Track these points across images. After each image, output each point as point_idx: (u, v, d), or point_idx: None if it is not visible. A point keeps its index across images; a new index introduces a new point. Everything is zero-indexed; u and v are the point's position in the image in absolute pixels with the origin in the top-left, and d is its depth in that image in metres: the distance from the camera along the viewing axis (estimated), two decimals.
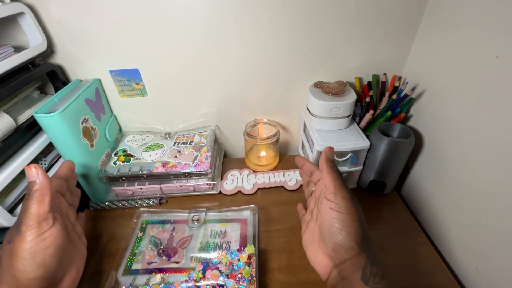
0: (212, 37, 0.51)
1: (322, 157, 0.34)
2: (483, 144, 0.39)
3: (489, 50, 0.37)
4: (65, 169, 0.40)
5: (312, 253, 0.33)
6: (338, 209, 0.29)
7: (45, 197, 0.31)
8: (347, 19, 0.50)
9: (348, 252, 0.28)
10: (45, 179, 0.31)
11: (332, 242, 0.29)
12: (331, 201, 0.30)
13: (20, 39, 0.47)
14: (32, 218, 0.29)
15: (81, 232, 0.39)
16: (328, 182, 0.32)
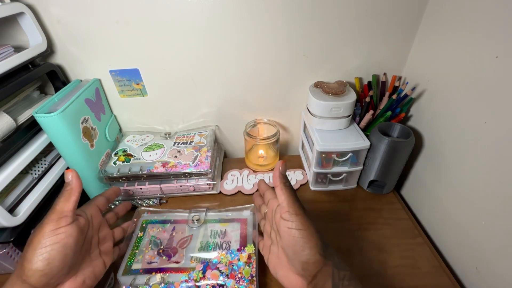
0: (212, 37, 0.51)
1: (275, 173, 0.33)
2: (483, 144, 0.39)
3: (489, 50, 0.37)
4: (111, 191, 0.45)
5: (284, 276, 0.33)
6: (295, 227, 0.30)
7: (72, 196, 0.33)
8: (347, 19, 0.50)
9: (316, 266, 0.29)
10: (77, 182, 0.34)
11: (299, 261, 0.29)
12: (288, 220, 0.30)
13: (20, 39, 0.47)
14: (55, 212, 0.32)
15: (107, 251, 0.39)
16: (282, 200, 0.32)
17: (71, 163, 0.49)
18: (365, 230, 0.48)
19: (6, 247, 0.41)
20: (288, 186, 0.33)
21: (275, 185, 0.33)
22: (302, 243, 0.29)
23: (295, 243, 0.29)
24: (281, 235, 0.31)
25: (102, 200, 0.41)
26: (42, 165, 0.49)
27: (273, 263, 0.35)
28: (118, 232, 0.44)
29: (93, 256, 0.37)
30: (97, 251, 0.38)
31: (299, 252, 0.29)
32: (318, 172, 0.53)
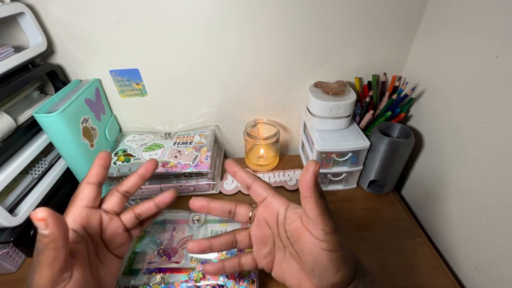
0: (212, 37, 0.51)
1: (308, 177, 0.24)
2: (483, 144, 0.39)
3: (489, 50, 0.37)
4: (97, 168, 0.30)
5: (296, 284, 0.29)
6: (332, 248, 0.25)
7: (58, 255, 0.22)
8: (347, 19, 0.50)
9: (347, 284, 0.26)
10: (58, 231, 0.21)
11: (329, 281, 0.26)
12: (322, 241, 0.25)
13: (20, 39, 0.47)
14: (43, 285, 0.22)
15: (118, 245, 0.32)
16: (315, 216, 0.25)
17: (71, 163, 0.49)
18: (365, 230, 0.48)
19: (6, 247, 0.41)
20: (322, 198, 0.25)
21: (305, 195, 0.25)
22: (339, 265, 0.25)
23: (330, 265, 0.25)
24: (308, 254, 0.26)
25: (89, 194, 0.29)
26: (42, 165, 0.49)
27: (280, 270, 0.30)
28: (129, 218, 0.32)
29: (106, 261, 0.30)
30: (108, 254, 0.31)
31: (332, 275, 0.25)
32: None
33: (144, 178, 0.33)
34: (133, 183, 0.32)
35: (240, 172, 0.31)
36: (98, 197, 0.30)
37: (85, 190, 0.29)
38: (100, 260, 0.30)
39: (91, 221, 0.29)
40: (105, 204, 0.31)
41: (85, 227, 0.28)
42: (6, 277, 0.43)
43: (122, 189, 0.32)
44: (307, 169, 0.25)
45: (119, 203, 0.32)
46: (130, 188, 0.32)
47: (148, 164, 0.33)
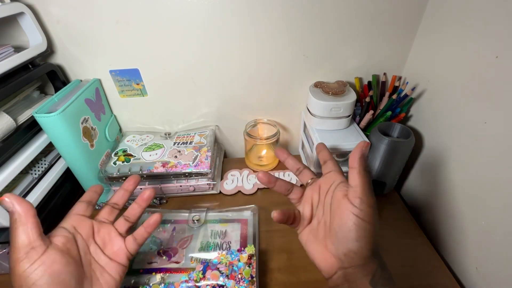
0: (212, 37, 0.51)
1: (356, 153, 0.29)
2: (483, 144, 0.39)
3: (489, 50, 0.37)
4: (89, 193, 0.36)
5: (315, 250, 0.31)
6: (362, 217, 0.27)
7: (27, 225, 0.27)
8: (347, 19, 0.50)
9: (361, 260, 0.27)
10: (22, 206, 0.27)
11: (346, 247, 0.28)
12: (356, 207, 0.27)
13: (20, 39, 0.47)
14: (17, 251, 0.27)
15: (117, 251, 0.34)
16: (356, 184, 0.28)
17: (71, 163, 0.49)
18: None
19: (6, 247, 0.41)
20: (367, 172, 0.29)
21: (352, 166, 0.29)
22: (360, 234, 0.27)
23: (352, 230, 0.27)
24: (339, 215, 0.28)
25: (80, 206, 0.34)
26: (42, 165, 0.49)
27: (307, 236, 0.33)
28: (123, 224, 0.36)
29: (102, 263, 0.33)
30: (104, 257, 0.33)
31: (352, 241, 0.27)
32: (318, 172, 0.53)
33: (128, 191, 0.39)
34: (120, 196, 0.38)
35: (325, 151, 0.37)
36: (88, 210, 0.35)
37: (76, 204, 0.35)
38: (95, 260, 0.32)
39: (82, 224, 0.33)
40: (98, 216, 0.36)
41: (76, 227, 0.33)
42: (6, 277, 0.43)
43: (111, 201, 0.37)
44: (357, 145, 0.30)
45: (109, 213, 0.36)
46: (117, 200, 0.38)
47: (130, 179, 0.39)
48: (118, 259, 0.34)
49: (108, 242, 0.34)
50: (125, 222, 0.36)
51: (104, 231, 0.35)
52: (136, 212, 0.37)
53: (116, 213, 0.37)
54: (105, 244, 0.34)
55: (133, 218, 0.37)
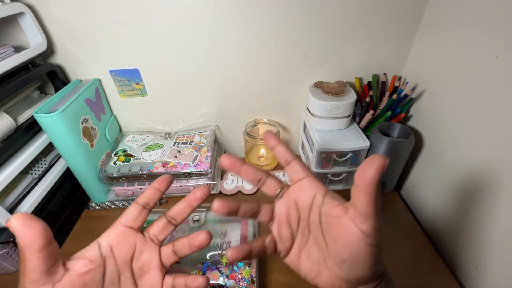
0: (212, 36, 0.51)
1: (373, 174, 0.21)
2: (483, 144, 0.39)
3: (489, 50, 0.37)
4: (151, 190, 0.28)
5: (314, 272, 0.27)
6: (375, 244, 0.23)
7: (31, 262, 0.22)
8: (347, 19, 0.50)
9: (374, 279, 0.26)
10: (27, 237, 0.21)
11: (360, 274, 0.25)
12: (370, 236, 0.23)
13: (20, 39, 0.47)
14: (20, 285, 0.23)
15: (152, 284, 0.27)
16: (369, 211, 0.23)
17: (71, 163, 0.49)
18: None
19: (6, 247, 0.41)
20: (379, 193, 0.23)
21: (364, 190, 0.22)
22: (375, 260, 0.24)
23: (367, 259, 0.24)
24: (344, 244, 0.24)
25: (132, 212, 0.27)
26: (42, 165, 0.49)
27: (297, 258, 0.28)
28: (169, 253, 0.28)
29: None
30: None
31: (367, 268, 0.24)
32: (318, 172, 0.53)
33: (192, 207, 0.30)
34: (181, 210, 0.30)
35: (280, 146, 0.29)
36: (140, 218, 0.27)
37: (129, 208, 0.27)
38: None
39: (123, 242, 0.26)
40: (148, 229, 0.28)
41: (113, 247, 0.26)
42: (6, 277, 0.43)
43: (169, 214, 0.29)
44: (372, 162, 0.21)
45: (162, 229, 0.28)
46: (175, 215, 0.29)
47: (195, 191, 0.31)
48: None
49: (147, 270, 0.27)
50: (173, 254, 0.28)
51: (147, 255, 0.27)
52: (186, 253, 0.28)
53: (170, 232, 0.29)
54: (143, 272, 0.27)
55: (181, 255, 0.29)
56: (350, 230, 0.24)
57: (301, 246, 0.28)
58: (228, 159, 0.28)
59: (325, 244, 0.26)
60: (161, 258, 0.28)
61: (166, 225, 0.28)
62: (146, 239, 0.27)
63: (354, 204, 0.24)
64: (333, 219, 0.25)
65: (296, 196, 0.28)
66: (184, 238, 0.28)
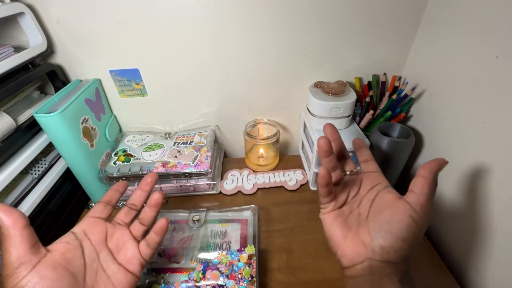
0: (212, 37, 0.51)
1: (434, 166, 0.28)
2: (483, 144, 0.39)
3: (489, 50, 0.37)
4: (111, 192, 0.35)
5: (340, 236, 0.30)
6: (417, 221, 0.27)
7: (15, 239, 0.25)
8: (347, 19, 0.50)
9: (397, 258, 0.27)
10: (10, 218, 0.25)
11: (387, 242, 0.27)
12: (416, 212, 0.27)
13: (20, 39, 0.47)
14: (5, 267, 0.25)
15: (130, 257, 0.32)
16: (422, 192, 0.27)
17: (71, 163, 0.49)
18: None
19: None
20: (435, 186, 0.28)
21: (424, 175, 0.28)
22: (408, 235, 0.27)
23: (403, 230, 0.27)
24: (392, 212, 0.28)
25: (98, 208, 0.33)
26: (42, 165, 0.49)
27: (333, 218, 0.32)
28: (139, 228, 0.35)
29: (110, 272, 0.30)
30: (114, 265, 0.31)
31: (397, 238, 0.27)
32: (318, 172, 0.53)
33: (146, 191, 0.37)
34: (137, 197, 0.36)
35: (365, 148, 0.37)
36: (105, 211, 0.34)
37: (95, 206, 0.34)
38: (103, 269, 0.30)
39: (95, 228, 0.32)
40: (114, 218, 0.35)
41: (87, 232, 0.31)
42: None
43: (129, 202, 0.36)
44: (437, 160, 0.28)
45: (126, 215, 0.35)
46: (134, 201, 0.36)
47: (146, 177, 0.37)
48: (131, 267, 0.32)
49: (121, 246, 0.32)
50: (141, 225, 0.34)
51: (118, 234, 0.33)
52: (149, 216, 0.35)
53: (133, 215, 0.35)
54: (119, 249, 0.32)
55: (148, 221, 0.35)
56: (403, 206, 0.28)
57: (342, 213, 0.32)
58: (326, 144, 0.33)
59: (366, 216, 0.30)
60: (132, 233, 0.34)
61: (128, 211, 0.35)
62: (115, 224, 0.34)
63: (414, 188, 0.28)
64: (384, 201, 0.30)
65: (363, 179, 0.34)
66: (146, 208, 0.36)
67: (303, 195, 0.56)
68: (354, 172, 0.35)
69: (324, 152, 0.32)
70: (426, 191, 0.27)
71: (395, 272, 0.27)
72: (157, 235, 0.34)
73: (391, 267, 0.27)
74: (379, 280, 0.26)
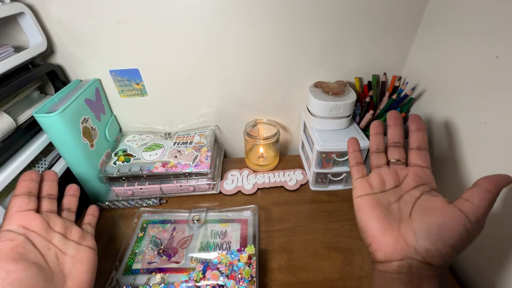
0: (213, 37, 0.51)
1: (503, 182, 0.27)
2: (483, 144, 0.39)
3: (489, 50, 0.37)
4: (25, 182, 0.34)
5: (378, 230, 0.29)
6: (470, 232, 0.26)
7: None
8: (347, 19, 0.50)
9: (441, 262, 0.26)
10: None
11: (434, 245, 0.26)
12: (471, 223, 0.26)
13: (20, 39, 0.47)
14: None
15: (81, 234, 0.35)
16: (480, 206, 0.26)
17: (71, 163, 0.49)
18: None
19: None
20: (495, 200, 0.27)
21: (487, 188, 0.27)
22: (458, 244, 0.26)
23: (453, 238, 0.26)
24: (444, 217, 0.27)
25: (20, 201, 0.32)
26: (42, 165, 0.49)
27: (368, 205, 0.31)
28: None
29: (72, 252, 0.32)
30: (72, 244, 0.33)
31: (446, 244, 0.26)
32: (318, 172, 0.53)
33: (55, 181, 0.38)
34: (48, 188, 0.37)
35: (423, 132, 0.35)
36: (31, 202, 0.32)
37: (13, 200, 0.32)
38: (63, 252, 0.32)
39: (31, 219, 0.31)
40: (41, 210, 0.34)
41: (26, 226, 0.31)
42: None
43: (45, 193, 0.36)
44: (505, 176, 0.27)
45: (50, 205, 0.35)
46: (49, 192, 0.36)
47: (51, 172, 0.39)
48: (85, 242, 0.34)
49: (68, 228, 0.34)
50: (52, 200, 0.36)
51: (58, 220, 0.34)
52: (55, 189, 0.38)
53: (55, 204, 0.36)
54: (66, 230, 0.34)
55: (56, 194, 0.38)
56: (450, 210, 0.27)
57: (379, 201, 0.31)
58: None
59: (409, 214, 0.29)
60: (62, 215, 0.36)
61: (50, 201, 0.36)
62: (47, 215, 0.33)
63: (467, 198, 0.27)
64: (432, 203, 0.29)
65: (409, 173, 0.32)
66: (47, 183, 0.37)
67: (303, 195, 0.56)
68: (400, 162, 0.34)
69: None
70: (486, 205, 0.26)
71: (436, 275, 0.26)
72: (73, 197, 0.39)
73: (432, 270, 0.26)
74: (418, 280, 0.26)
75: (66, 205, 0.39)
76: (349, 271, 0.42)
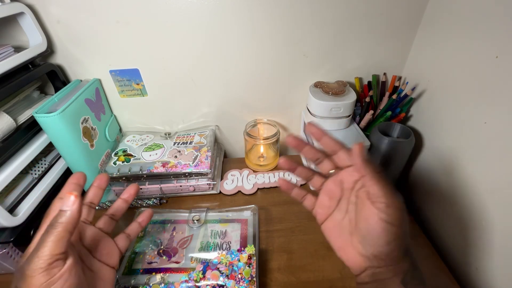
0: (213, 37, 0.51)
1: (358, 158, 0.27)
2: (483, 144, 0.39)
3: (489, 50, 0.37)
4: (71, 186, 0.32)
5: (340, 247, 0.30)
6: (390, 221, 0.26)
7: (67, 234, 0.24)
8: (347, 19, 0.50)
9: (392, 261, 0.27)
10: (77, 213, 0.25)
11: (376, 250, 0.27)
12: (383, 212, 0.26)
13: (20, 39, 0.47)
14: (43, 259, 0.23)
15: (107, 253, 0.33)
16: (375, 190, 0.26)
17: (71, 163, 0.49)
18: None
19: (6, 247, 0.41)
20: (379, 174, 0.26)
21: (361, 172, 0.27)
22: (390, 237, 0.26)
23: (382, 236, 0.26)
24: (365, 219, 0.27)
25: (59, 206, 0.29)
26: (42, 165, 0.49)
27: (330, 229, 0.31)
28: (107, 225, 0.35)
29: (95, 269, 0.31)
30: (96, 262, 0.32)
31: (381, 244, 0.26)
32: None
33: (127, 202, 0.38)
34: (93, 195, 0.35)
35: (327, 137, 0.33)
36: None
37: (56, 203, 0.30)
38: (87, 266, 0.30)
39: None
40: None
41: None
42: (6, 277, 0.43)
43: (86, 201, 0.35)
44: (358, 150, 0.27)
45: (88, 213, 0.34)
46: (92, 199, 0.35)
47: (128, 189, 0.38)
48: (110, 261, 0.32)
49: (97, 244, 0.32)
50: (111, 220, 0.35)
51: (89, 233, 0.32)
52: (122, 209, 0.37)
53: (93, 213, 0.35)
54: (95, 247, 0.32)
55: (119, 214, 0.36)
56: (370, 209, 0.27)
57: (336, 221, 0.31)
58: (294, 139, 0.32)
59: (355, 223, 0.29)
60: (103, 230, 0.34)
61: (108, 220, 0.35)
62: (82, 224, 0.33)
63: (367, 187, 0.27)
64: (360, 209, 0.29)
65: (343, 178, 0.31)
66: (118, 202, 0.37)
67: None
68: (335, 171, 0.32)
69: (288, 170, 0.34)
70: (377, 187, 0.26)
71: (397, 274, 0.26)
72: (140, 225, 0.37)
73: (392, 271, 0.27)
74: (383, 285, 0.26)
75: (113, 211, 0.36)
76: (349, 271, 0.41)
